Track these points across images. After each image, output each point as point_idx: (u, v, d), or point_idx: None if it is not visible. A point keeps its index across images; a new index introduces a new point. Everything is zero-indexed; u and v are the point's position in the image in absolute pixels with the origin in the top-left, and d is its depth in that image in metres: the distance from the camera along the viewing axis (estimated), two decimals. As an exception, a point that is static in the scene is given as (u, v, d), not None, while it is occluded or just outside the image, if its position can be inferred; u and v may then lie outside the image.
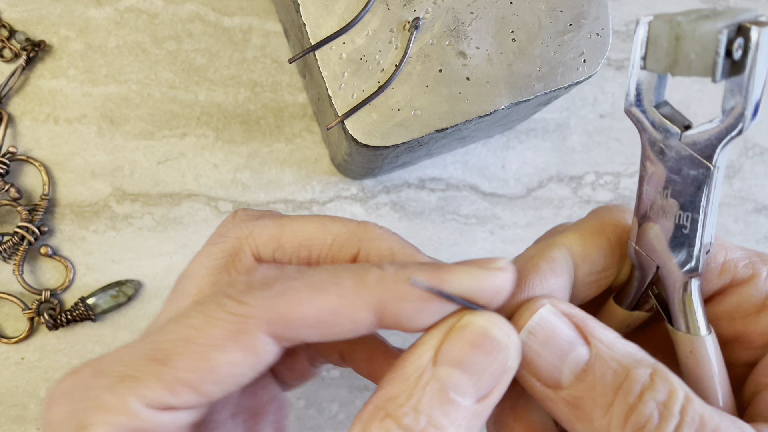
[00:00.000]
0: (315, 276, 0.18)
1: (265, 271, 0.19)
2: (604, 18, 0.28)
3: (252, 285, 0.18)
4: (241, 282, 0.18)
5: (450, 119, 0.27)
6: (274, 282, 0.18)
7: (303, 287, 0.18)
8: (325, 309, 0.17)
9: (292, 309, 0.17)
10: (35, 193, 0.35)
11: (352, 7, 0.26)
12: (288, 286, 0.18)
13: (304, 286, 0.18)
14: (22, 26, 0.36)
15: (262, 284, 0.18)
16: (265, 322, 0.17)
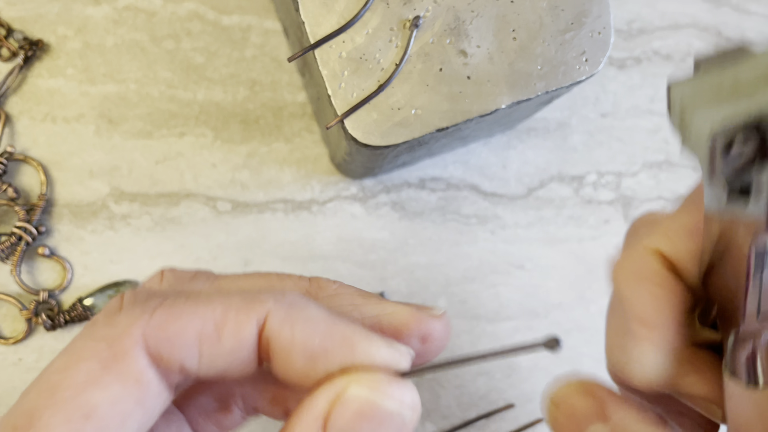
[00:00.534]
0: (199, 292, 0.17)
1: (136, 291, 0.17)
2: (605, 16, 0.28)
3: (125, 304, 0.16)
4: (112, 305, 0.16)
5: (450, 118, 0.27)
6: (149, 298, 0.16)
7: (182, 301, 0.16)
8: (208, 321, 0.15)
9: (171, 320, 0.15)
10: (33, 193, 0.35)
11: (351, 6, 0.26)
12: (166, 299, 0.16)
13: (183, 300, 0.16)
14: (19, 25, 0.35)
15: (134, 301, 0.16)
16: (141, 337, 0.15)
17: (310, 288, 0.19)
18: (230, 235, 0.36)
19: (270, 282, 0.19)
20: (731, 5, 0.41)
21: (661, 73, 0.41)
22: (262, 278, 0.19)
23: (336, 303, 0.18)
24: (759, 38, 0.42)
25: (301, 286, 0.19)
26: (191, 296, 0.16)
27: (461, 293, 0.38)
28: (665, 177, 0.40)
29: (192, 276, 0.19)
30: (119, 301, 0.16)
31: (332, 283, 0.19)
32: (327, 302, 0.18)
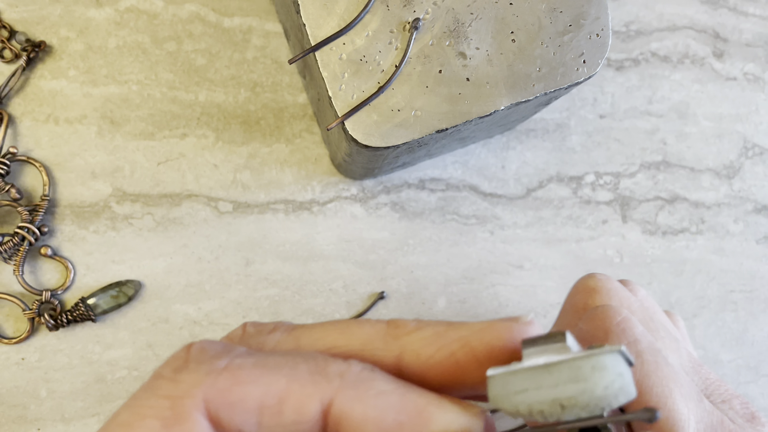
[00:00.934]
0: (266, 357, 0.16)
1: (207, 344, 0.16)
2: (603, 18, 0.28)
3: (189, 359, 0.16)
4: (179, 358, 0.16)
5: (450, 120, 0.27)
6: (217, 356, 0.16)
7: (250, 364, 0.16)
8: (271, 392, 0.15)
9: (235, 387, 0.15)
10: (35, 194, 0.35)
11: (352, 8, 0.26)
12: (233, 362, 0.16)
13: (251, 364, 0.16)
14: (22, 27, 0.36)
15: (201, 358, 0.16)
16: (202, 400, 0.15)
17: (389, 330, 0.18)
18: (231, 235, 0.37)
19: (349, 332, 0.18)
20: (729, 7, 0.42)
21: (659, 75, 0.41)
22: (339, 329, 0.18)
23: (419, 338, 0.17)
24: (757, 39, 0.42)
25: (380, 329, 0.18)
26: (260, 360, 0.16)
27: (460, 293, 0.38)
28: (663, 177, 0.41)
29: (272, 329, 0.18)
30: (186, 353, 0.16)
31: (410, 321, 0.18)
32: (410, 340, 0.17)
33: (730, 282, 0.41)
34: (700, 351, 0.41)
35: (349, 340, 0.17)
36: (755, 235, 0.41)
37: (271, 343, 0.18)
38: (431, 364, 0.17)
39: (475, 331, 0.16)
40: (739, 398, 0.23)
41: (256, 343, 0.18)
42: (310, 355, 0.16)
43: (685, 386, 0.20)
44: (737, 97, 0.42)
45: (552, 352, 0.16)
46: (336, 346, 0.17)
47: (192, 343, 0.16)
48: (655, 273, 0.40)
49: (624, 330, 0.21)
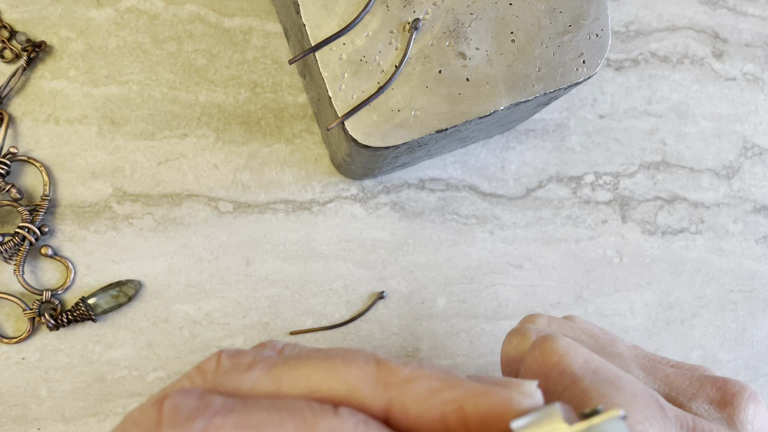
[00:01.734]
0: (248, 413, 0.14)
1: (181, 400, 0.15)
2: (603, 19, 0.28)
3: (162, 420, 0.14)
4: (149, 418, 0.15)
5: (450, 120, 0.27)
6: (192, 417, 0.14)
7: (230, 426, 0.14)
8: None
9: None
10: (36, 194, 0.36)
11: (352, 8, 0.27)
12: (212, 423, 0.14)
13: (231, 425, 0.14)
14: (22, 27, 0.36)
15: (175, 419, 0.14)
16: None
17: (378, 375, 0.16)
18: (232, 235, 0.37)
19: (333, 370, 0.16)
20: (728, 7, 0.42)
21: (659, 75, 0.41)
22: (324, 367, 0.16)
23: (410, 391, 0.15)
24: (756, 40, 0.42)
25: (369, 373, 0.16)
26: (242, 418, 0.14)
27: (460, 293, 0.38)
28: (662, 177, 0.41)
29: (249, 364, 0.17)
30: (158, 413, 0.15)
31: (404, 367, 0.16)
32: (399, 391, 0.16)
33: (730, 282, 0.41)
34: (699, 351, 0.41)
35: (334, 384, 0.16)
36: (754, 235, 0.42)
37: (248, 385, 0.16)
38: (419, 423, 0.15)
39: (471, 395, 0.15)
40: (709, 381, 0.22)
41: (231, 384, 0.16)
42: (296, 407, 0.15)
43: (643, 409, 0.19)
44: (736, 97, 0.42)
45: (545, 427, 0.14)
46: (320, 389, 0.16)
47: (164, 398, 0.15)
48: (655, 273, 0.40)
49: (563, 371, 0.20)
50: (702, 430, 0.19)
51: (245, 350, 0.17)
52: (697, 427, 0.19)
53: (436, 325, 0.38)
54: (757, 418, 0.21)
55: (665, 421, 0.19)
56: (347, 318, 0.37)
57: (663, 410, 0.19)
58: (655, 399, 0.19)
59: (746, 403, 0.21)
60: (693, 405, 0.21)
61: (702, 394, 0.21)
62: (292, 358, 0.16)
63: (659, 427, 0.18)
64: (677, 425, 0.19)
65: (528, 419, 0.15)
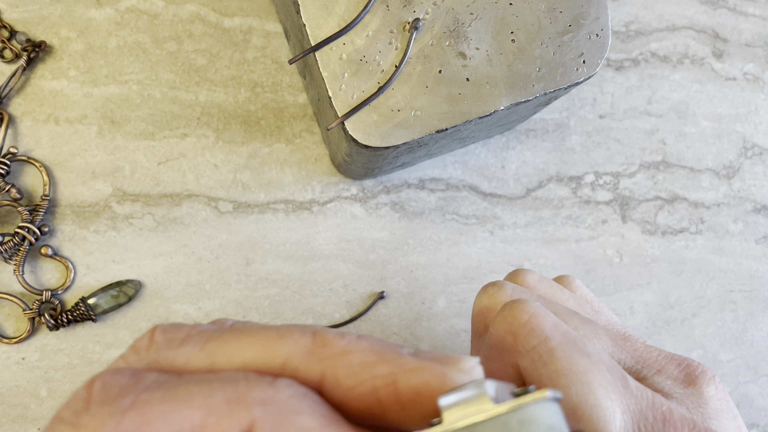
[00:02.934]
0: (178, 385, 0.14)
1: (111, 378, 0.15)
2: (603, 19, 0.28)
3: (91, 399, 0.14)
4: (79, 398, 0.14)
5: (450, 120, 0.27)
6: (121, 393, 0.14)
7: (158, 399, 0.14)
8: (183, 428, 0.14)
9: (142, 427, 0.14)
10: (36, 194, 0.36)
11: (352, 8, 0.27)
12: (139, 398, 0.14)
13: (159, 398, 0.14)
14: (22, 27, 0.36)
15: (104, 397, 0.14)
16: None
17: (313, 348, 0.16)
18: (232, 235, 0.37)
19: (267, 342, 0.16)
20: (728, 7, 0.42)
21: (659, 75, 0.41)
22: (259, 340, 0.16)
23: (343, 364, 0.15)
24: (756, 39, 0.42)
25: (303, 345, 0.16)
26: (169, 392, 0.14)
27: (460, 293, 0.38)
28: (662, 177, 0.41)
29: (183, 339, 0.16)
30: (88, 392, 0.14)
31: (340, 339, 0.16)
32: (333, 364, 0.15)
33: (730, 282, 0.41)
34: (699, 350, 0.41)
35: (268, 357, 0.15)
36: (754, 234, 0.42)
37: (181, 360, 0.16)
38: (351, 396, 0.15)
39: (405, 370, 0.15)
40: (675, 360, 0.22)
41: (164, 360, 0.16)
42: (230, 377, 0.15)
43: (606, 375, 0.19)
44: (737, 97, 0.42)
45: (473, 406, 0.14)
46: (254, 362, 0.15)
47: (94, 379, 0.15)
48: (655, 273, 0.40)
49: (533, 329, 0.20)
50: (660, 403, 0.19)
51: (181, 324, 0.17)
52: (656, 400, 0.19)
53: (436, 325, 0.38)
54: (716, 397, 0.21)
55: (626, 390, 0.19)
56: (347, 318, 0.37)
57: (624, 379, 0.19)
58: (618, 369, 0.19)
59: (708, 383, 0.21)
60: (657, 378, 0.21)
61: (666, 371, 0.22)
62: (227, 332, 0.16)
63: (618, 395, 0.18)
64: (637, 395, 0.19)
65: (456, 396, 0.14)
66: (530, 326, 0.20)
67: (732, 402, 0.22)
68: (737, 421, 0.21)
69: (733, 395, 0.41)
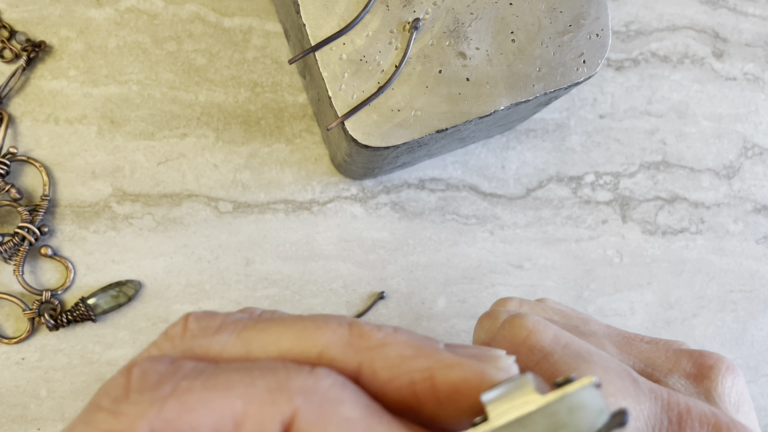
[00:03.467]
0: (218, 374, 0.14)
1: (150, 366, 0.14)
2: (603, 18, 0.28)
3: (130, 387, 0.14)
4: (118, 385, 0.14)
5: (450, 120, 0.27)
6: (161, 381, 0.14)
7: (198, 387, 0.14)
8: (226, 416, 0.13)
9: (184, 415, 0.13)
10: (36, 194, 0.36)
11: (352, 8, 0.27)
12: (179, 386, 0.14)
13: (200, 386, 0.14)
14: (22, 27, 0.36)
15: (143, 385, 0.14)
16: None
17: (350, 339, 0.15)
18: (232, 235, 0.37)
19: (304, 333, 0.16)
20: (728, 7, 0.42)
21: (659, 75, 0.41)
22: (295, 329, 0.16)
23: (381, 357, 0.15)
24: (756, 39, 0.42)
25: (340, 335, 0.16)
26: (210, 380, 0.14)
27: (460, 293, 0.38)
28: (662, 177, 0.41)
29: (218, 327, 0.16)
30: (126, 379, 0.14)
31: (377, 331, 0.16)
32: (370, 356, 0.15)
33: (730, 282, 0.41)
34: (700, 351, 0.41)
35: (305, 347, 0.15)
36: (755, 235, 0.42)
37: (216, 348, 0.15)
38: (387, 388, 0.15)
39: (443, 365, 0.15)
40: (685, 355, 0.21)
41: (199, 348, 0.16)
42: (269, 366, 0.14)
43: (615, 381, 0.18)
44: (737, 97, 0.42)
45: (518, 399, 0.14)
46: (290, 352, 0.15)
47: (132, 365, 0.15)
48: (655, 273, 0.40)
49: (532, 347, 0.20)
50: (677, 402, 0.19)
51: (215, 312, 0.17)
52: (672, 399, 0.19)
53: (436, 325, 0.38)
54: (734, 390, 0.21)
55: (638, 393, 0.18)
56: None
57: (636, 383, 0.19)
58: (628, 372, 0.19)
59: (723, 375, 0.21)
60: (669, 380, 0.21)
61: (678, 369, 0.21)
62: (262, 321, 0.16)
63: (632, 399, 0.18)
64: (651, 397, 0.19)
65: (499, 391, 0.14)
66: (529, 344, 0.20)
67: (748, 392, 0.21)
68: (751, 415, 0.21)
69: (733, 395, 0.41)
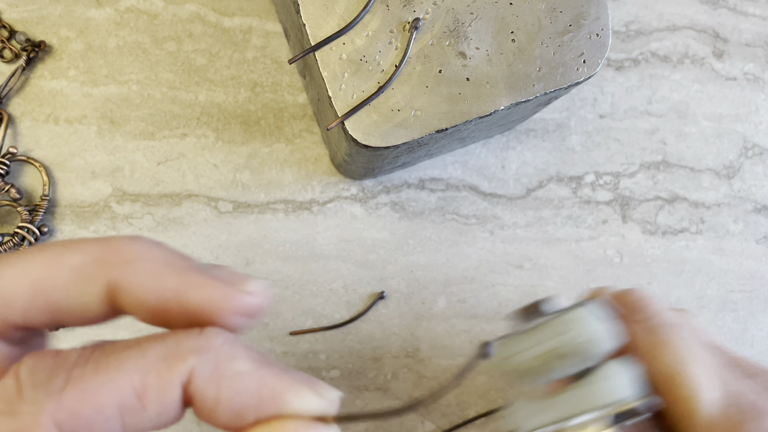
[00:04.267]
0: (107, 355, 0.14)
1: (36, 363, 0.14)
2: (603, 18, 0.28)
3: (22, 386, 0.14)
4: (8, 387, 0.14)
5: (450, 120, 0.27)
6: (52, 374, 0.14)
7: (91, 372, 0.14)
8: (126, 392, 0.14)
9: (84, 401, 0.14)
10: (35, 194, 0.36)
11: (351, 8, 0.26)
12: (72, 376, 0.14)
13: (92, 371, 0.14)
14: (22, 27, 0.36)
15: (35, 381, 0.14)
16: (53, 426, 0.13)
17: (102, 254, 0.15)
18: (231, 235, 0.37)
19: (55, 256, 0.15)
20: (728, 7, 0.42)
21: (659, 75, 0.41)
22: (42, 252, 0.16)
23: (136, 272, 0.15)
24: (756, 39, 0.42)
25: (92, 252, 0.15)
26: (101, 362, 0.14)
27: (460, 293, 0.38)
28: (663, 177, 0.41)
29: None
30: (16, 380, 0.14)
31: (132, 244, 0.16)
32: (123, 271, 0.15)
33: (730, 282, 0.41)
34: (700, 351, 0.41)
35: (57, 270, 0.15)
36: (755, 235, 0.41)
37: None
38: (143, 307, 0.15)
39: (191, 285, 0.15)
40: None
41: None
42: (157, 337, 0.15)
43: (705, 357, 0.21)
44: (737, 97, 0.42)
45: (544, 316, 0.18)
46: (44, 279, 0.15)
47: (18, 365, 0.14)
48: (655, 273, 0.40)
49: (643, 306, 0.23)
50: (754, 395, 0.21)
51: None
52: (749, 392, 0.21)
53: (436, 325, 0.38)
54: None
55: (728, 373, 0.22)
56: (347, 318, 0.37)
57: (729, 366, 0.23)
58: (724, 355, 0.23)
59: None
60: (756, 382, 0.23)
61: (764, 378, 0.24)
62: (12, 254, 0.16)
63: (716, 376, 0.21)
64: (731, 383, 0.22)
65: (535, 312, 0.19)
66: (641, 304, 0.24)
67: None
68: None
69: (733, 395, 0.41)
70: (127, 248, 0.16)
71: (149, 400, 0.14)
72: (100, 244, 0.16)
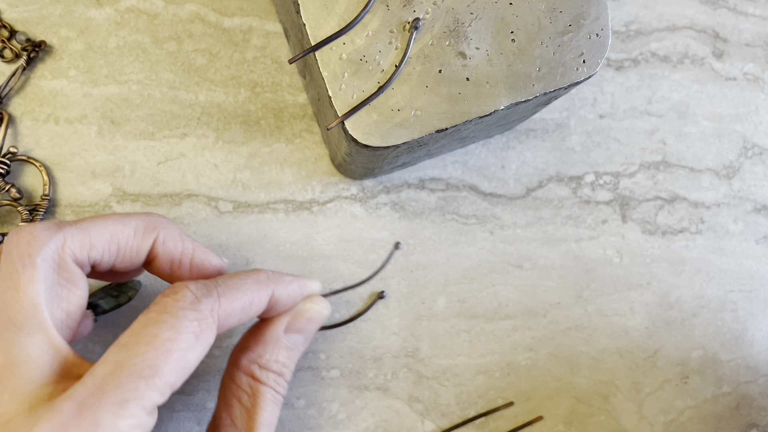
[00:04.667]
0: (232, 281, 0.26)
1: (193, 286, 0.24)
2: (603, 18, 0.28)
3: (197, 296, 0.24)
4: (189, 296, 0.24)
5: (450, 120, 0.27)
6: (210, 291, 0.24)
7: (229, 289, 0.25)
8: (245, 301, 0.26)
9: (231, 305, 0.25)
10: (36, 194, 0.36)
11: (352, 8, 0.27)
12: (220, 291, 0.25)
13: (230, 289, 0.25)
14: (22, 26, 0.36)
15: (202, 294, 0.24)
16: (217, 319, 0.24)
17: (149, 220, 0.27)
18: (232, 235, 0.37)
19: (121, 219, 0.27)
20: (728, 7, 0.42)
21: (659, 75, 0.41)
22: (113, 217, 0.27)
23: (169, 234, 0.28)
24: (756, 39, 0.42)
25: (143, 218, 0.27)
26: (228, 284, 0.26)
27: (460, 293, 0.38)
28: (662, 177, 0.41)
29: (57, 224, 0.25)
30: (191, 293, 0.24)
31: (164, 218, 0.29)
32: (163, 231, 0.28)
33: (730, 282, 0.41)
34: (700, 351, 0.41)
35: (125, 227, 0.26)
36: (755, 235, 0.42)
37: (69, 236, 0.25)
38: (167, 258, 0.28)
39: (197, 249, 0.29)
40: None
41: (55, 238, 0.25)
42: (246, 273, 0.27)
43: None
44: (737, 97, 0.42)
45: None
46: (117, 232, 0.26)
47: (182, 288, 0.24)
48: (655, 273, 0.40)
49: None
50: None
51: None
52: None
53: (436, 325, 0.38)
54: None
55: None
56: (347, 318, 0.37)
57: None
58: None
59: None
60: None
61: None
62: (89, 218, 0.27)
63: None
64: None
65: None
66: None
67: None
68: None
69: (733, 395, 0.41)
70: (162, 219, 0.28)
71: (254, 306, 0.26)
72: (147, 214, 0.27)
